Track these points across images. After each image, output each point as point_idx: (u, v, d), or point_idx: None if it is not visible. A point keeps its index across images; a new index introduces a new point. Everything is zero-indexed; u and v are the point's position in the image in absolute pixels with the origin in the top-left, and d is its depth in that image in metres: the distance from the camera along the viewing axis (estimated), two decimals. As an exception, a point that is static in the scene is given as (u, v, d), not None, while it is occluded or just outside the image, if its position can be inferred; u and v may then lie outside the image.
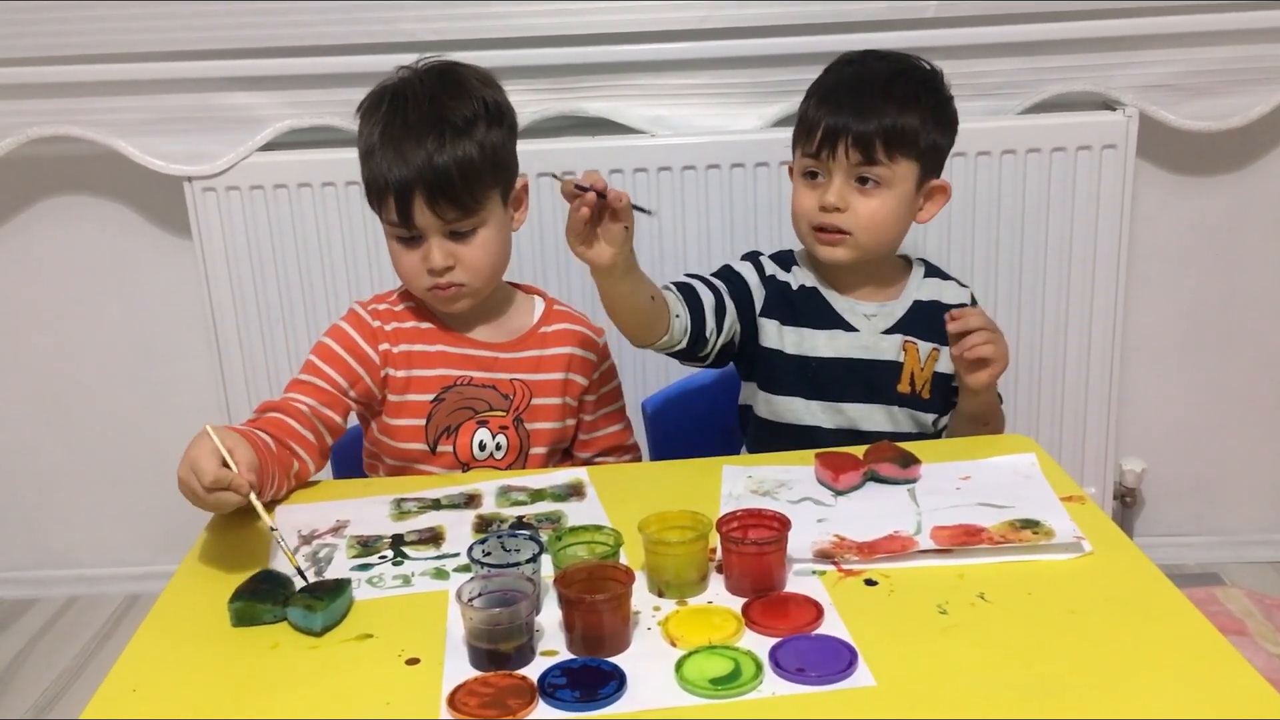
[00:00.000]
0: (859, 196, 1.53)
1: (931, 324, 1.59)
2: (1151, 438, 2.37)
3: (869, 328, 1.60)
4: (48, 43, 2.06)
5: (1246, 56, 2.07)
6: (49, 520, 2.49)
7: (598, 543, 1.18)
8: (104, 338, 2.35)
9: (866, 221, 1.53)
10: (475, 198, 1.45)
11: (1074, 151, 2.09)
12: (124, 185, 2.24)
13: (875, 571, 1.17)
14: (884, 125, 1.50)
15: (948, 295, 1.63)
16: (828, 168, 1.53)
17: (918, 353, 1.59)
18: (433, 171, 1.42)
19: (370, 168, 1.47)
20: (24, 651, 2.35)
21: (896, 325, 1.60)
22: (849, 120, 1.51)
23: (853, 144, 1.51)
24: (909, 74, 1.56)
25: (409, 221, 1.45)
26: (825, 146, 1.52)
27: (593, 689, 0.99)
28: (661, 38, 2.06)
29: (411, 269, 1.49)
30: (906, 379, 1.59)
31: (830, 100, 1.54)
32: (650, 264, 2.10)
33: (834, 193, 1.53)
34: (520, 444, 1.55)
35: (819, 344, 1.59)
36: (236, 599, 1.13)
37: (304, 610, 1.10)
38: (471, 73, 1.51)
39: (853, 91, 1.53)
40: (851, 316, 1.60)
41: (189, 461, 1.22)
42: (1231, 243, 2.27)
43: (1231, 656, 1.02)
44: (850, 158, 1.51)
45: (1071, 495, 1.30)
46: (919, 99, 1.53)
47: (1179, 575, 2.33)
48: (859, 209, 1.53)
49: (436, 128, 1.43)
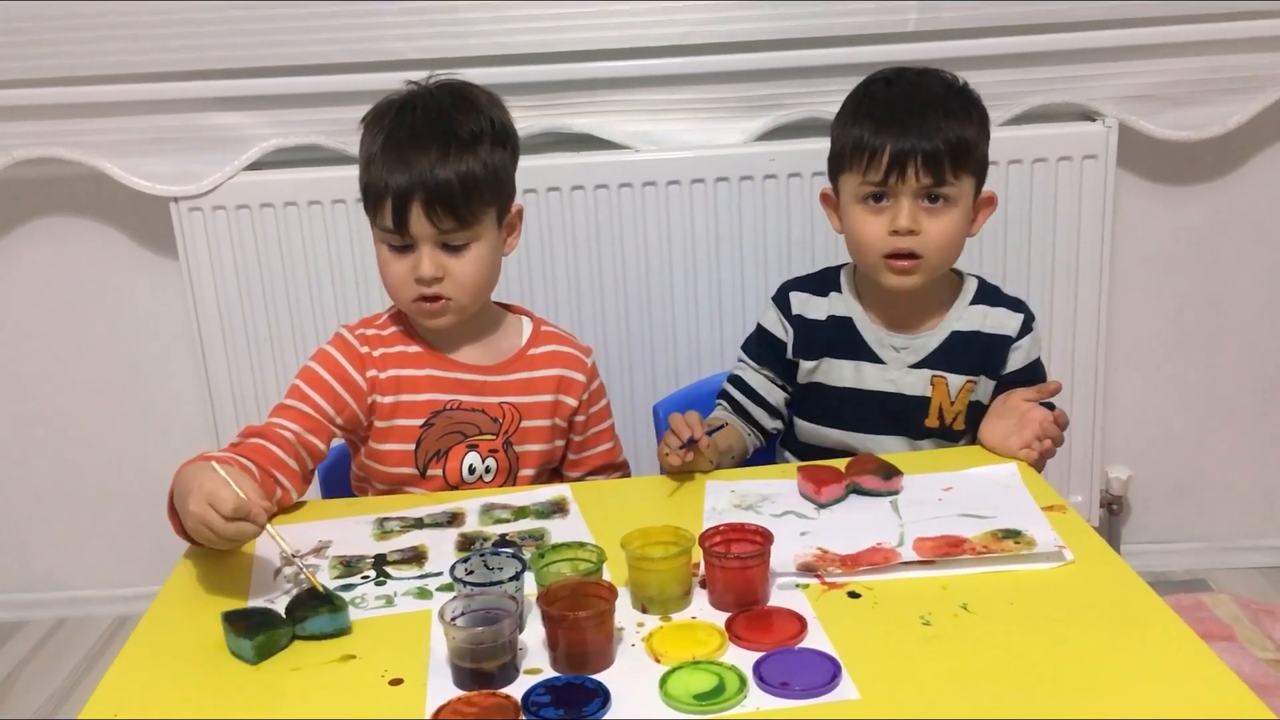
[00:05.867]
0: (928, 218, 1.50)
1: (968, 355, 1.57)
2: (1137, 445, 2.38)
3: (896, 361, 1.58)
4: (32, 65, 2.06)
5: (1224, 67, 2.09)
6: (37, 542, 2.48)
7: (581, 559, 1.19)
8: (91, 359, 2.35)
9: (937, 241, 1.51)
10: (472, 211, 1.45)
11: (1055, 162, 2.10)
12: (110, 206, 2.24)
13: (858, 584, 1.18)
14: (950, 142, 1.48)
15: (990, 324, 1.58)
16: (895, 190, 1.50)
17: (947, 387, 1.57)
18: (433, 180, 1.42)
19: (370, 172, 1.46)
20: (13, 674, 2.34)
21: (926, 360, 1.58)
22: (916, 141, 1.47)
23: (923, 165, 1.47)
24: (953, 88, 1.54)
25: (403, 228, 1.44)
26: (894, 170, 1.48)
27: (577, 706, 0.99)
28: (645, 53, 2.07)
29: (399, 278, 1.48)
30: (935, 414, 1.57)
31: (891, 123, 1.49)
32: (638, 278, 2.14)
33: (906, 215, 1.49)
34: (510, 466, 1.55)
35: (845, 375, 1.60)
36: (252, 634, 1.09)
37: (330, 615, 1.12)
38: (481, 93, 1.52)
39: (913, 112, 1.49)
40: (880, 349, 1.59)
41: (203, 496, 1.19)
42: (1213, 249, 2.28)
43: (1213, 662, 1.02)
44: (920, 179, 1.48)
45: (1053, 505, 1.31)
46: (970, 113, 1.52)
47: (1166, 582, 2.35)
48: (930, 230, 1.50)
49: (442, 139, 1.43)
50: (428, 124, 1.45)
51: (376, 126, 1.48)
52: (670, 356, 2.19)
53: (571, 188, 2.10)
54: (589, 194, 2.10)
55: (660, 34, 2.05)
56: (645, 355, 2.19)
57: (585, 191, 2.10)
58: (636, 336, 2.18)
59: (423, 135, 1.44)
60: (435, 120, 1.45)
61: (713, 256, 2.15)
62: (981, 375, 1.57)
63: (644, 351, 2.19)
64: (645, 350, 2.19)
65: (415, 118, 1.46)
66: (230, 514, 1.18)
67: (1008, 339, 1.58)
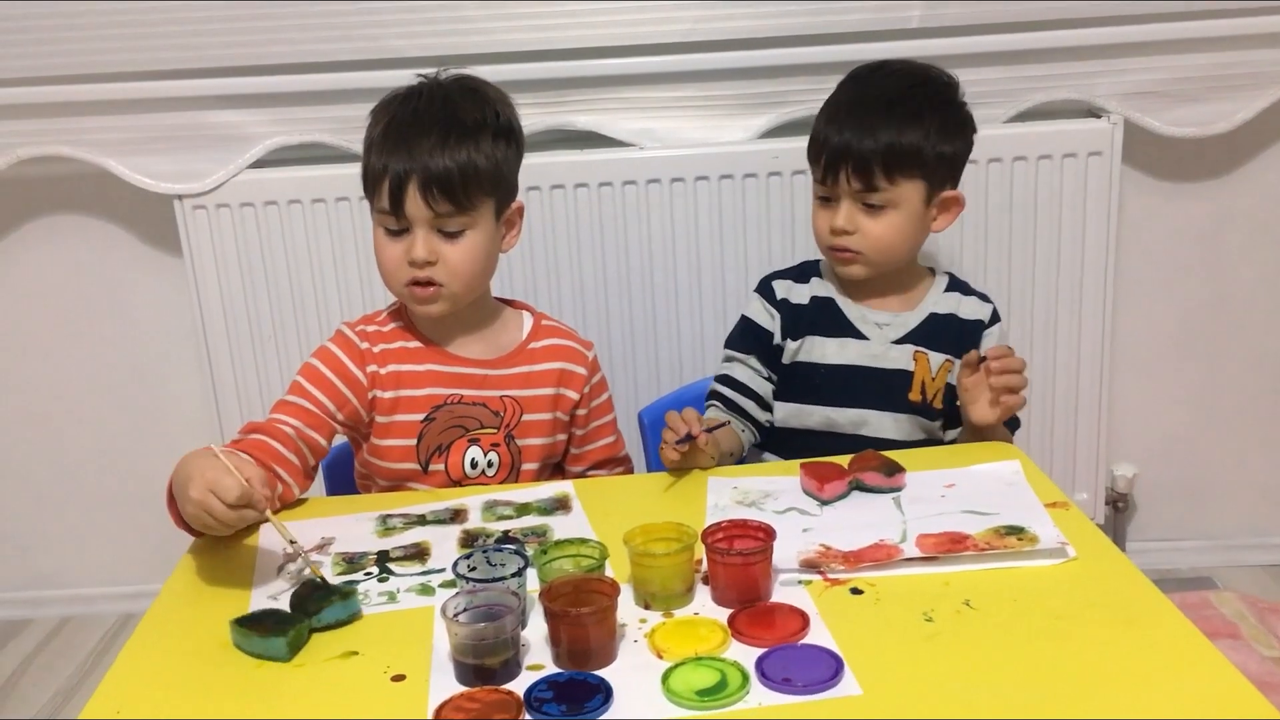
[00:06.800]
0: (866, 218, 1.56)
1: (945, 336, 1.61)
2: (1142, 443, 2.38)
3: (880, 336, 1.61)
4: (36, 63, 2.06)
5: (1230, 63, 2.08)
6: (42, 540, 2.49)
7: (583, 556, 1.19)
8: (95, 357, 2.35)
9: (874, 242, 1.56)
10: (469, 198, 1.45)
11: (1060, 159, 2.10)
12: (114, 204, 2.24)
13: (861, 580, 1.17)
14: (881, 149, 1.52)
15: (965, 310, 1.64)
16: (835, 192, 1.56)
17: (928, 363, 1.60)
18: (432, 163, 1.42)
19: (371, 155, 1.47)
20: (18, 671, 2.34)
21: (908, 335, 1.61)
22: (849, 143, 1.53)
23: (854, 170, 1.53)
24: (914, 90, 1.57)
25: (399, 210, 1.44)
26: (829, 173, 1.56)
27: (579, 702, 0.99)
28: (648, 51, 2.06)
29: (393, 261, 1.48)
30: (918, 388, 1.61)
31: (834, 121, 1.57)
32: (640, 274, 2.14)
33: (842, 217, 1.56)
34: (512, 460, 1.55)
35: (828, 351, 1.62)
36: (283, 631, 1.09)
37: (342, 602, 1.14)
38: (490, 88, 1.52)
39: (853, 113, 1.55)
40: (863, 325, 1.62)
41: (205, 483, 1.19)
42: (1218, 247, 2.28)
43: (1218, 661, 1.02)
44: (853, 184, 1.54)
45: (1056, 501, 1.31)
46: (921, 116, 1.54)
47: (1171, 580, 2.35)
48: (867, 230, 1.56)
49: (443, 125, 1.44)
50: (431, 111, 1.46)
51: (382, 113, 1.49)
52: (673, 354, 2.19)
53: (575, 185, 2.10)
54: (592, 191, 2.10)
55: (664, 31, 2.05)
56: (649, 353, 2.19)
57: (589, 189, 2.10)
58: (640, 334, 2.18)
59: (425, 120, 1.44)
60: (439, 107, 1.46)
61: (717, 254, 2.14)
62: (956, 358, 1.59)
63: (647, 349, 2.19)
64: (649, 348, 2.19)
65: (420, 104, 1.47)
66: (235, 501, 1.18)
67: (980, 323, 1.64)
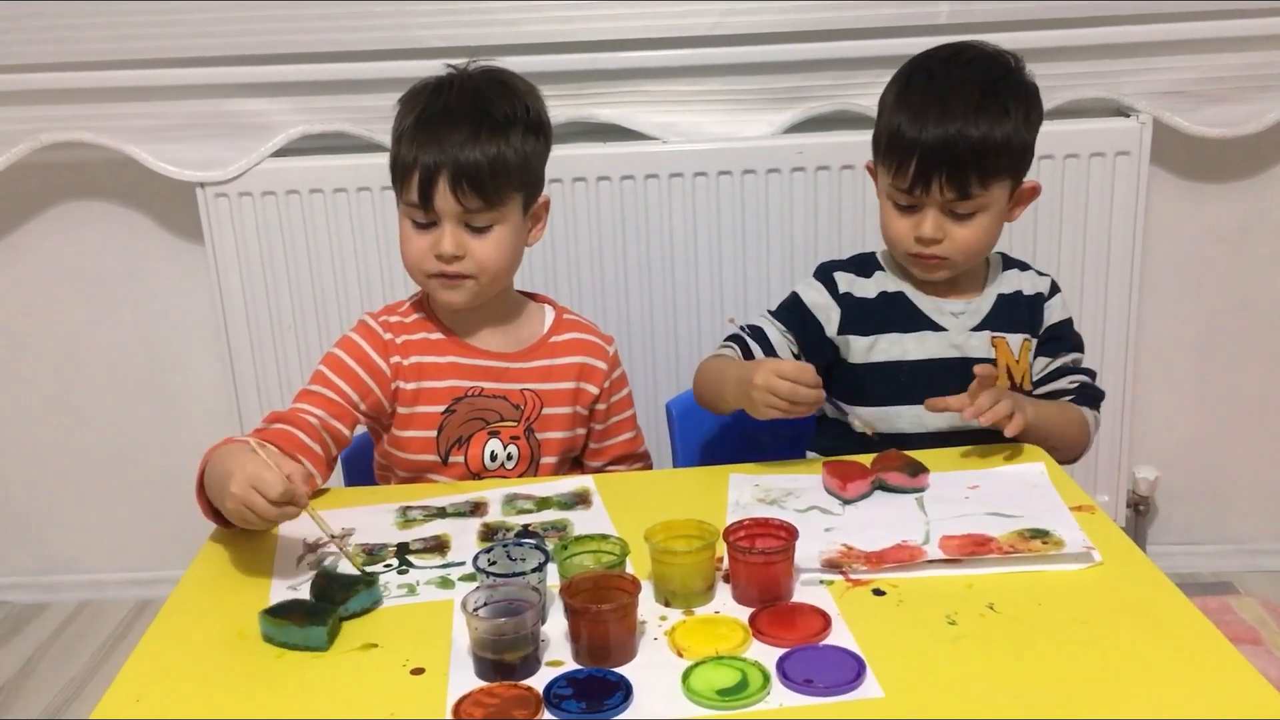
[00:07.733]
0: (955, 225, 1.50)
1: (1017, 315, 1.59)
2: (1165, 446, 2.36)
3: (957, 325, 1.57)
4: (61, 49, 2.07)
5: (1261, 63, 2.06)
6: (60, 525, 2.50)
7: (604, 552, 1.18)
8: (115, 344, 2.36)
9: (962, 245, 1.51)
10: (499, 193, 1.44)
11: (1087, 158, 2.08)
12: (137, 191, 2.25)
13: (883, 581, 1.17)
14: (976, 154, 1.44)
15: (1027, 286, 1.61)
16: (921, 200, 1.49)
17: (1009, 346, 1.57)
18: (463, 158, 1.41)
19: (400, 147, 1.46)
20: (35, 656, 2.35)
21: (984, 321, 1.58)
22: (939, 150, 1.44)
23: (947, 181, 1.46)
24: (998, 83, 1.49)
25: (428, 204, 1.44)
26: (919, 183, 1.47)
27: (599, 700, 0.98)
28: (673, 44, 2.06)
29: (419, 253, 1.47)
30: (1004, 375, 1.55)
31: (918, 121, 1.46)
32: (661, 268, 2.13)
33: (930, 226, 1.49)
34: (531, 454, 1.54)
35: (908, 348, 1.57)
36: (322, 620, 1.08)
37: (367, 590, 1.15)
38: (520, 81, 1.52)
39: (940, 116, 1.45)
40: (939, 316, 1.58)
41: (247, 478, 1.17)
42: (1246, 249, 2.26)
43: (1241, 665, 1.01)
44: (945, 194, 1.47)
45: (1081, 505, 1.29)
46: (1008, 111, 1.47)
47: (1193, 584, 2.33)
48: (955, 236, 1.50)
49: (474, 119, 1.43)
50: (462, 103, 1.45)
51: (412, 104, 1.48)
52: (694, 349, 2.18)
53: (598, 178, 2.09)
54: (615, 185, 2.10)
55: (688, 24, 2.04)
56: (669, 347, 2.18)
57: (611, 182, 2.09)
58: (660, 328, 2.18)
59: (456, 114, 1.44)
60: (470, 100, 1.45)
61: (739, 249, 2.13)
62: (1034, 336, 1.58)
63: (668, 343, 2.18)
64: (669, 342, 2.18)
65: (450, 96, 1.46)
66: (278, 498, 1.17)
67: (1041, 296, 1.62)
